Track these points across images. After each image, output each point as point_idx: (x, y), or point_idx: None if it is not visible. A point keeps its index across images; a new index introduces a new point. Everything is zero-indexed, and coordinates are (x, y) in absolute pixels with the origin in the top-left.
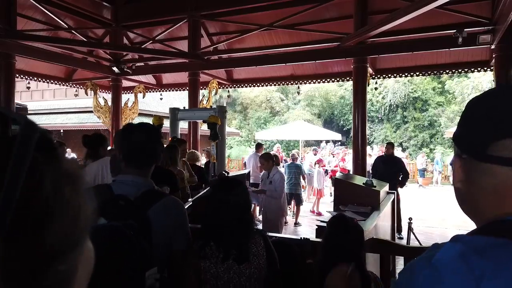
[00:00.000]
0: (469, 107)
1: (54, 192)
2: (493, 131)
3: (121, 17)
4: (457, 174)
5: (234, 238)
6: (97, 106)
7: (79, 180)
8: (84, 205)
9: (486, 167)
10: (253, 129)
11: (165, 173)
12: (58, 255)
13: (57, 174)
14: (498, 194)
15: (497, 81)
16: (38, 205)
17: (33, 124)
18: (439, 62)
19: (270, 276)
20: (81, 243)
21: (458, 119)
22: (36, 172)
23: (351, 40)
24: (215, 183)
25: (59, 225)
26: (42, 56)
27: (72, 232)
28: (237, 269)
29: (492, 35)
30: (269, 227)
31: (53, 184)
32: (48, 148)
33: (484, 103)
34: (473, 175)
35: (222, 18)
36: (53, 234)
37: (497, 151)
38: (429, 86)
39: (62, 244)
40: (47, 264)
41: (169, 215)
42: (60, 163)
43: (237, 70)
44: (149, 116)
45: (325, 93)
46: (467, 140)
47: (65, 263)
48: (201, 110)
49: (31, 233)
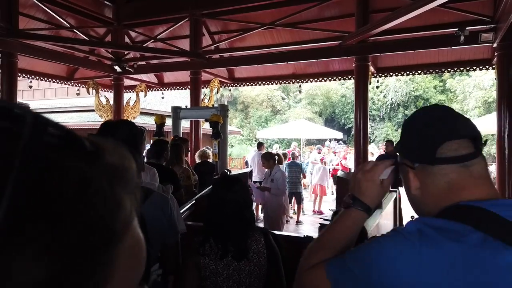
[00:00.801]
0: (408, 126)
1: (80, 192)
2: (434, 138)
3: (123, 16)
4: (413, 184)
5: (232, 235)
6: (99, 105)
7: (128, 174)
8: (121, 199)
9: (437, 169)
10: (254, 128)
11: (168, 172)
12: (102, 245)
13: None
14: (451, 189)
15: (498, 79)
16: (57, 204)
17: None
18: (440, 61)
19: (271, 273)
20: (124, 235)
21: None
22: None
23: (353, 39)
24: (216, 181)
25: (82, 227)
26: (44, 55)
27: (114, 224)
28: (237, 266)
29: (494, 33)
30: (270, 224)
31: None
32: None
33: (420, 120)
34: (427, 179)
35: (224, 17)
36: (73, 236)
37: (442, 153)
38: (431, 84)
39: (104, 236)
40: (91, 253)
41: (160, 210)
42: (106, 159)
43: (239, 68)
44: (151, 115)
45: (326, 91)
46: (417, 151)
47: (109, 253)
48: (203, 109)
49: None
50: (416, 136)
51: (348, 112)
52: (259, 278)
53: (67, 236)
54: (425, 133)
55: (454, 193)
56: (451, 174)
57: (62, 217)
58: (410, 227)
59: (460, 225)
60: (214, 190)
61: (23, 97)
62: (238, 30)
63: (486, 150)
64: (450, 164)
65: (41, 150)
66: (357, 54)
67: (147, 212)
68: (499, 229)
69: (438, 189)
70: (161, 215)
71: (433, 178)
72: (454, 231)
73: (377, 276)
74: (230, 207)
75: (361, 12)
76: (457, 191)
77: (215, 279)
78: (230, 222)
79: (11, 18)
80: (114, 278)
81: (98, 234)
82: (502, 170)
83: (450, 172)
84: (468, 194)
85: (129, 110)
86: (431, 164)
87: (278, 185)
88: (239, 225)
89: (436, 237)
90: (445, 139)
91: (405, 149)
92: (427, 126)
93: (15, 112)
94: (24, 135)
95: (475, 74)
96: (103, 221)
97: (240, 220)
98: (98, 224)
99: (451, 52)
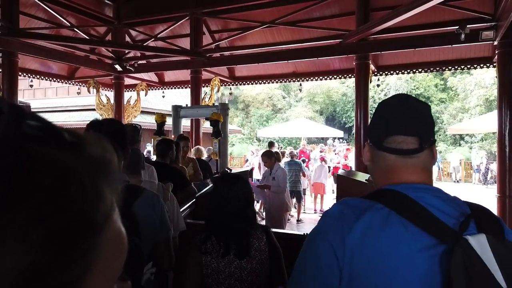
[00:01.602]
0: (377, 109)
1: (60, 181)
2: (385, 129)
3: (123, 15)
4: (366, 156)
5: (234, 233)
6: (100, 104)
7: (109, 166)
8: (108, 189)
9: (381, 154)
10: (255, 127)
11: (173, 171)
12: (82, 235)
13: (71, 160)
14: (388, 172)
15: (499, 77)
16: (43, 192)
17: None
18: (441, 59)
19: (272, 271)
20: (105, 227)
21: (460, 116)
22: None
23: (353, 37)
24: (217, 179)
25: (66, 216)
26: (44, 54)
27: (94, 214)
28: (238, 264)
29: (494, 31)
30: (273, 222)
31: (58, 174)
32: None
33: (382, 108)
34: (374, 158)
35: (224, 16)
36: (57, 223)
37: (388, 143)
38: (432, 83)
39: (83, 226)
40: (72, 240)
41: (152, 209)
42: (87, 151)
43: (239, 67)
44: (152, 114)
45: (327, 90)
46: (372, 134)
47: (89, 243)
48: (203, 108)
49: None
50: (376, 120)
51: (349, 111)
52: (260, 276)
53: (45, 225)
54: (380, 122)
55: (390, 174)
56: (389, 161)
57: (41, 206)
58: (333, 208)
59: (374, 203)
60: (215, 188)
61: (24, 96)
62: (239, 28)
63: (488, 148)
64: (390, 154)
65: (18, 140)
66: (357, 53)
67: (139, 211)
68: (401, 206)
69: (379, 168)
70: (152, 213)
71: (378, 159)
72: (368, 207)
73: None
74: (231, 205)
75: (362, 10)
76: (391, 174)
77: (216, 277)
78: (232, 220)
79: (12, 17)
80: (95, 269)
81: (77, 224)
82: (503, 168)
83: (389, 159)
84: (397, 178)
85: (129, 109)
86: (377, 148)
87: (279, 183)
88: (241, 223)
89: (352, 214)
90: (393, 133)
91: (369, 128)
92: (384, 115)
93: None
94: (0, 125)
95: (476, 72)
96: (83, 212)
97: (241, 217)
98: (78, 214)
99: (452, 50)
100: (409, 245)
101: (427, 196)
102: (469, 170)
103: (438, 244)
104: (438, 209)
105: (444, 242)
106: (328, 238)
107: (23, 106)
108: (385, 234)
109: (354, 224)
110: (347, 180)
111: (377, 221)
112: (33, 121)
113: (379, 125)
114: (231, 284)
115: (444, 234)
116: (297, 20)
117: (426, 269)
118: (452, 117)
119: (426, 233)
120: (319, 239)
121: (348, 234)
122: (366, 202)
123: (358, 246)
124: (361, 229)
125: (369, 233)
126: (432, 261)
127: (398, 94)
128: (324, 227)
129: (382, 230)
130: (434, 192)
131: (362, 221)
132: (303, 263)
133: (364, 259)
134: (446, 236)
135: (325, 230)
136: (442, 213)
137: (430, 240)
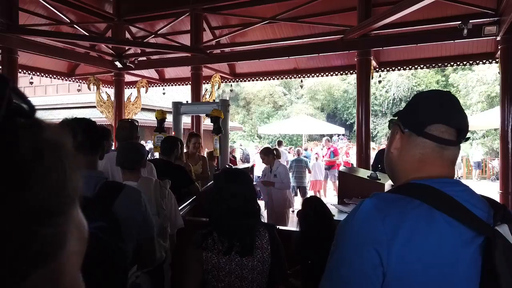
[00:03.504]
0: (418, 98)
1: (32, 156)
2: (430, 116)
3: (123, 11)
4: (395, 143)
5: (238, 229)
6: (100, 101)
7: (62, 147)
8: (70, 173)
9: (420, 141)
10: (256, 124)
11: (177, 169)
12: (41, 218)
13: (36, 139)
14: (422, 162)
15: (502, 73)
16: (13, 167)
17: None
18: (443, 55)
19: (275, 269)
20: (68, 211)
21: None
22: (13, 134)
23: (355, 33)
24: (219, 174)
25: (39, 188)
26: (44, 51)
27: (56, 197)
28: (239, 261)
29: (497, 26)
30: (275, 219)
31: (31, 148)
32: (28, 113)
33: (424, 98)
34: (408, 146)
35: (225, 11)
36: (32, 196)
37: (430, 130)
38: (433, 79)
39: (44, 207)
40: (29, 224)
41: (133, 207)
42: (41, 129)
43: (240, 64)
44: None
45: (328, 87)
46: (412, 120)
47: (51, 227)
48: (204, 104)
49: (7, 193)
50: (419, 109)
51: (350, 108)
52: (261, 274)
53: (24, 196)
54: (426, 110)
55: (421, 165)
56: (427, 149)
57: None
58: (368, 204)
59: (410, 199)
60: (219, 183)
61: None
62: (239, 24)
63: (489, 145)
64: (431, 141)
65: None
66: (359, 48)
67: (120, 209)
68: (440, 202)
69: (412, 156)
70: (134, 211)
71: (413, 146)
72: (406, 204)
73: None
74: (236, 200)
75: (363, 6)
76: (423, 165)
77: (216, 273)
78: (237, 216)
79: (11, 13)
80: (68, 245)
81: (54, 196)
82: (506, 165)
83: (427, 147)
84: (427, 170)
85: (130, 106)
86: (417, 134)
87: (281, 179)
88: (246, 219)
89: (394, 212)
90: (438, 121)
91: (404, 115)
92: (430, 104)
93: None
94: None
95: (478, 68)
96: (58, 186)
97: (245, 213)
98: (55, 187)
99: (454, 46)
100: (455, 240)
101: (458, 190)
102: (470, 167)
103: (477, 237)
104: (469, 202)
105: (481, 234)
106: (371, 242)
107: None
108: (432, 232)
109: (401, 224)
110: (348, 177)
111: (423, 219)
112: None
113: (423, 112)
114: (231, 281)
115: (480, 226)
116: (298, 16)
117: (469, 261)
118: None
119: (465, 226)
120: (362, 243)
121: (395, 236)
122: (402, 198)
123: (406, 247)
124: (409, 229)
125: (417, 232)
126: (474, 253)
127: (434, 89)
128: (365, 227)
129: (429, 228)
130: (462, 186)
131: (409, 220)
132: (342, 268)
133: (414, 258)
134: (482, 228)
135: (367, 231)
136: (473, 207)
137: (470, 233)
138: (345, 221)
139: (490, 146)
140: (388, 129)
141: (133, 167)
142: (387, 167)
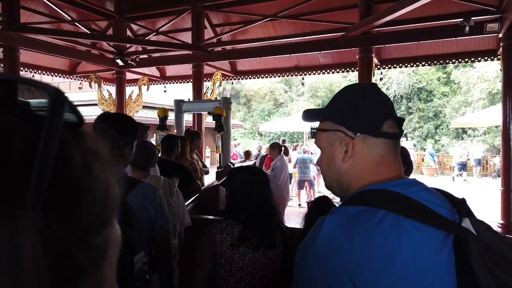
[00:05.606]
0: (349, 97)
1: (84, 168)
2: (380, 114)
3: (124, 9)
4: (347, 154)
5: (262, 225)
6: (102, 99)
7: (103, 156)
8: (112, 182)
9: (380, 142)
10: (257, 121)
11: (178, 167)
12: (95, 230)
13: (85, 150)
14: (380, 164)
15: (504, 70)
16: (70, 181)
17: (62, 94)
18: (445, 52)
19: (285, 267)
20: (112, 220)
21: (463, 109)
22: (65, 147)
23: (356, 30)
24: (240, 170)
25: (91, 201)
26: (46, 49)
27: (104, 208)
28: (252, 257)
29: (499, 23)
30: None
31: (82, 160)
32: (75, 123)
33: (357, 95)
34: (364, 150)
35: (226, 9)
36: (87, 209)
37: (384, 128)
38: (434, 76)
39: (97, 219)
40: (85, 237)
41: (147, 200)
42: (86, 139)
43: (241, 61)
44: (153, 108)
45: (329, 84)
46: (364, 122)
47: (101, 237)
48: (206, 102)
49: (67, 208)
50: (357, 109)
51: None
52: (271, 271)
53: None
54: (372, 107)
55: (379, 168)
56: (387, 149)
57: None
58: (329, 224)
59: (374, 209)
60: (237, 175)
61: None
62: (241, 22)
63: (490, 142)
64: (388, 140)
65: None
66: (360, 46)
67: (134, 202)
68: (403, 207)
69: (369, 161)
70: (148, 204)
71: (372, 149)
72: (370, 216)
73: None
74: (256, 190)
75: (365, 3)
76: (382, 167)
77: (229, 268)
78: (256, 207)
79: (12, 11)
80: (107, 257)
81: (103, 206)
82: (507, 162)
83: (386, 146)
84: (387, 172)
85: (131, 104)
86: (375, 136)
87: (275, 173)
88: (264, 211)
89: (359, 230)
90: (387, 117)
91: (346, 118)
92: (371, 101)
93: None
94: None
95: (479, 65)
96: (105, 195)
97: (265, 205)
98: (102, 197)
99: (456, 43)
100: (428, 246)
101: (417, 190)
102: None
103: (447, 238)
104: (430, 202)
105: (450, 233)
106: (343, 269)
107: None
108: (404, 244)
109: (371, 242)
110: None
111: (392, 231)
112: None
113: (373, 111)
114: (243, 276)
115: (447, 226)
116: (300, 13)
117: (446, 263)
118: (454, 110)
119: (434, 229)
120: (333, 272)
121: (368, 258)
122: (365, 210)
123: (381, 268)
124: (380, 247)
125: (389, 248)
126: (449, 255)
127: (357, 83)
128: (331, 252)
129: (399, 241)
130: (419, 185)
131: (377, 236)
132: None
133: (389, 278)
134: (449, 227)
135: (334, 258)
136: (435, 205)
137: (441, 235)
138: (304, 246)
139: (491, 143)
140: (312, 138)
141: (144, 166)
142: (334, 182)
